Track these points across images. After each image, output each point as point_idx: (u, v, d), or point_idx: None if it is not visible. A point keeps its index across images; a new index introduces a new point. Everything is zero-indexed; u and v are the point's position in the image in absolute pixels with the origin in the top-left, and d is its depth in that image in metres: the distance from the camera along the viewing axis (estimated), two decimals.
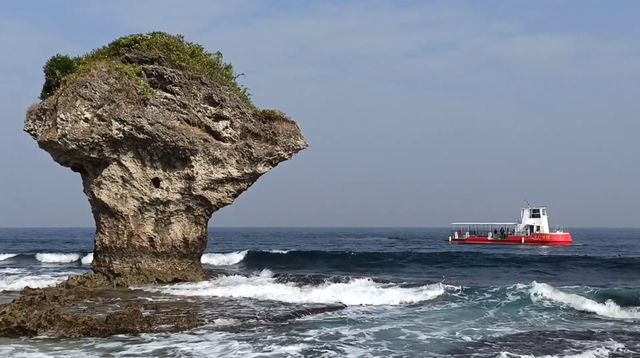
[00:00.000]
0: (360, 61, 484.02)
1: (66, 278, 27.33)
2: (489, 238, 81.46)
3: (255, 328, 16.32)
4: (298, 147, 27.97)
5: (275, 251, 50.60)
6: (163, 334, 15.44)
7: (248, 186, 28.12)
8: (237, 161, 27.17)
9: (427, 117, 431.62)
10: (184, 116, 26.64)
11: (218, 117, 27.27)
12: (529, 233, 78.72)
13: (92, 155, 25.75)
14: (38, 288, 22.34)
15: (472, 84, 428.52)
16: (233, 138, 27.36)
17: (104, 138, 25.40)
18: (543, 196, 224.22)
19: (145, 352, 13.49)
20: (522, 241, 77.54)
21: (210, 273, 29.67)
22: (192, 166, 26.59)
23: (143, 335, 15.32)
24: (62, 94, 25.56)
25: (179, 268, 27.31)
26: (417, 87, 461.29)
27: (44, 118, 25.98)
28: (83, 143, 25.28)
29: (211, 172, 26.91)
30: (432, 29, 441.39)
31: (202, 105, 27.07)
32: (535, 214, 79.02)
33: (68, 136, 25.09)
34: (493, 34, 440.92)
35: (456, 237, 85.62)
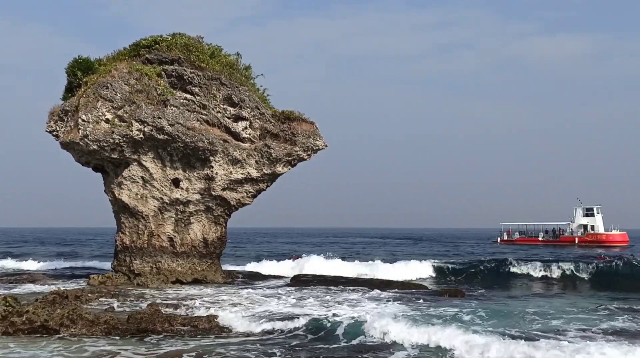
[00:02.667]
0: (375, 61, 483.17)
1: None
2: (540, 239, 78.53)
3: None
4: (317, 147, 27.99)
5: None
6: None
7: (267, 186, 28.20)
8: (256, 161, 27.24)
9: (444, 118, 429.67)
10: (204, 116, 26.77)
11: (237, 118, 27.37)
12: (582, 233, 75.46)
13: (112, 156, 25.97)
14: (60, 288, 22.57)
15: (488, 84, 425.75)
16: (252, 139, 27.44)
17: (124, 139, 25.61)
18: (595, 195, 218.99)
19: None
20: (576, 241, 74.04)
21: (230, 274, 29.75)
22: (212, 167, 26.70)
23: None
24: (84, 95, 25.81)
25: (199, 268, 27.44)
26: (433, 87, 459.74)
27: (65, 119, 26.26)
28: (104, 144, 25.50)
29: (230, 172, 27.02)
30: (448, 29, 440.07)
31: (221, 106, 27.19)
32: (589, 213, 75.93)
33: (89, 137, 25.33)
34: (510, 34, 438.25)
35: (505, 238, 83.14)
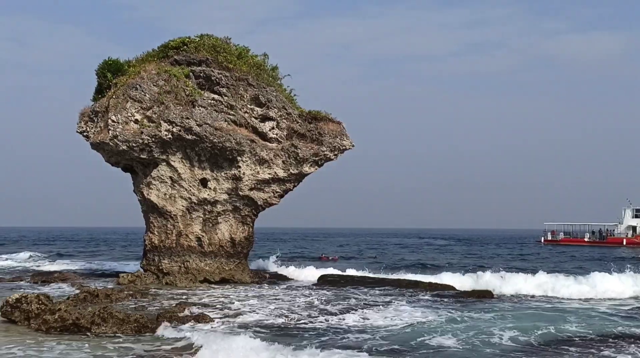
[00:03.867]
0: (404, 61, 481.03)
1: None
2: (586, 240, 76.81)
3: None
4: (344, 147, 27.96)
5: None
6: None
7: (294, 186, 28.25)
8: (283, 161, 27.31)
9: (474, 117, 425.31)
10: (231, 117, 26.92)
11: (264, 118, 27.46)
12: (631, 235, 73.56)
13: (141, 156, 26.24)
14: (90, 287, 22.90)
15: (519, 83, 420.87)
16: (279, 139, 27.51)
17: (153, 139, 25.86)
18: None
19: None
20: (624, 243, 72.03)
21: (257, 274, 29.85)
22: (239, 167, 26.83)
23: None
24: (113, 96, 26.13)
25: (226, 268, 27.59)
26: (464, 87, 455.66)
27: (95, 120, 26.61)
28: (133, 144, 25.79)
29: (258, 172, 27.12)
30: (479, 27, 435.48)
31: (249, 106, 27.31)
32: (638, 214, 74.26)
33: (119, 137, 25.63)
34: (542, 32, 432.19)
35: (549, 238, 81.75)
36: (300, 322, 16.89)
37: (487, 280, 26.25)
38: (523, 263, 43.37)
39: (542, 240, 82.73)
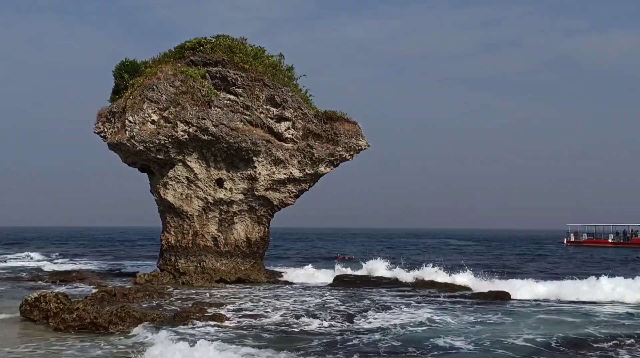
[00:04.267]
0: (420, 60, 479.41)
1: None
2: (610, 241, 75.10)
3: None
4: (360, 147, 27.95)
5: None
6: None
7: (309, 186, 28.29)
8: (298, 161, 27.36)
9: (492, 116, 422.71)
10: (247, 117, 27.01)
11: (280, 119, 27.53)
12: None
13: (158, 156, 26.41)
14: (109, 286, 23.10)
15: (537, 83, 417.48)
16: (295, 139, 27.56)
17: (169, 140, 26.02)
18: None
19: None
20: None
21: (272, 274, 29.92)
22: (255, 167, 26.91)
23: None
24: (130, 97, 26.32)
25: (242, 268, 27.69)
26: (480, 86, 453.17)
27: (113, 121, 26.81)
28: (150, 145, 25.96)
29: (273, 173, 27.19)
30: (495, 26, 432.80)
31: (264, 106, 27.39)
32: None
33: (136, 138, 25.82)
34: (559, 31, 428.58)
35: (572, 239, 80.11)
36: (313, 323, 16.86)
37: (505, 282, 25.71)
38: (543, 265, 42.89)
39: (565, 241, 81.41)
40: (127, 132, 25.89)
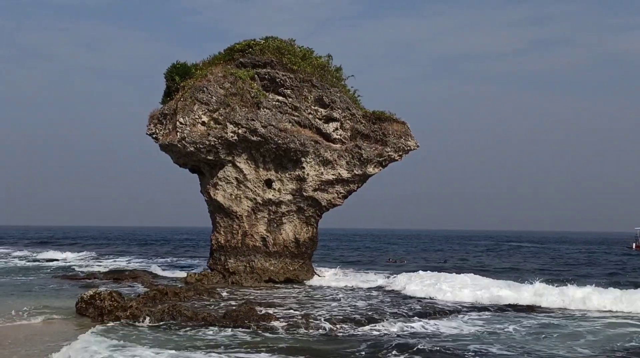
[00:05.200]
0: (467, 59, 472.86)
1: None
2: None
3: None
4: (408, 148, 27.67)
5: None
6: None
7: (358, 187, 28.16)
8: (347, 162, 27.27)
9: (542, 117, 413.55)
10: (295, 118, 27.10)
11: (328, 119, 27.51)
12: None
13: (208, 157, 26.75)
14: (160, 285, 23.52)
15: (588, 81, 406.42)
16: (343, 139, 27.50)
17: (219, 141, 26.32)
18: None
19: None
20: None
21: (321, 275, 29.91)
22: (303, 168, 26.97)
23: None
24: (181, 99, 26.74)
25: (291, 268, 27.77)
26: (527, 85, 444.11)
27: (164, 122, 27.29)
28: (200, 146, 26.32)
29: (321, 173, 27.18)
30: (543, 24, 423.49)
31: (312, 107, 27.43)
32: None
33: (187, 139, 26.21)
34: (610, 28, 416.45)
35: None
36: (361, 326, 16.73)
37: (557, 292, 22.77)
38: (605, 272, 38.59)
39: (634, 246, 77.53)
40: (178, 133, 26.31)
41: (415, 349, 13.70)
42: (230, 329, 15.73)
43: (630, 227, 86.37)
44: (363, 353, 13.46)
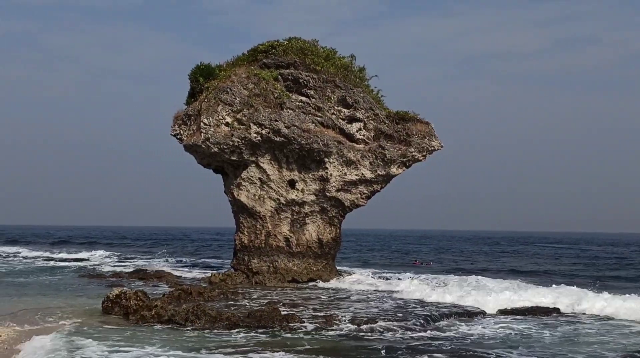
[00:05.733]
0: (492, 58, 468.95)
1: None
2: None
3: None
4: (432, 148, 27.51)
5: None
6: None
7: (381, 187, 28.07)
8: (370, 162, 27.20)
9: (569, 117, 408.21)
10: (319, 118, 27.10)
11: (352, 119, 27.47)
12: None
13: (232, 158, 26.88)
14: (185, 285, 23.69)
15: (615, 80, 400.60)
16: (366, 140, 27.44)
17: (243, 141, 26.43)
18: None
19: None
20: None
21: (344, 275, 29.85)
22: (327, 168, 26.96)
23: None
24: (205, 100, 26.90)
25: (314, 268, 27.78)
26: (554, 85, 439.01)
27: (188, 123, 27.47)
28: (224, 146, 26.45)
29: (345, 174, 27.15)
30: (569, 23, 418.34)
31: (336, 107, 27.41)
32: None
33: (211, 140, 26.36)
34: (637, 26, 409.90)
35: None
36: (384, 328, 16.64)
37: (599, 297, 21.44)
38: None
39: None
40: (202, 134, 26.47)
41: (439, 351, 13.60)
42: (253, 329, 15.79)
43: None
44: (385, 354, 13.38)
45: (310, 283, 26.90)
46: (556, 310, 20.46)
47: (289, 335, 15.25)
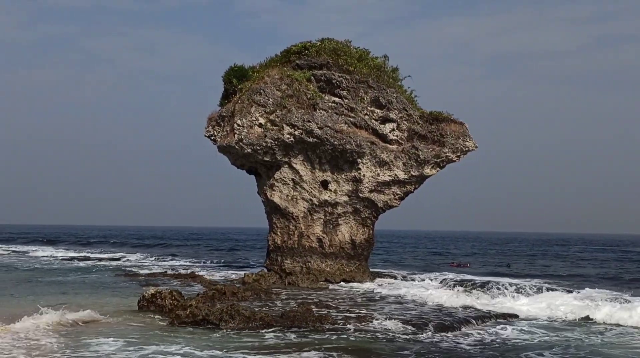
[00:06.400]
0: (528, 58, 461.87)
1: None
2: None
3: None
4: (467, 149, 27.22)
5: None
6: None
7: (415, 188, 27.88)
8: (403, 163, 27.05)
9: (608, 117, 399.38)
10: (352, 119, 27.05)
11: (385, 120, 27.36)
12: None
13: (265, 158, 27.00)
14: (219, 284, 23.87)
15: None
16: (400, 140, 27.30)
17: (276, 142, 26.53)
18: None
19: None
20: None
21: (378, 276, 29.74)
22: (359, 169, 26.89)
23: None
24: (239, 101, 27.08)
25: (347, 269, 27.73)
26: (592, 84, 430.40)
27: (222, 124, 27.68)
28: (257, 147, 26.59)
29: (378, 174, 27.05)
30: (607, 20, 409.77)
31: (369, 108, 27.33)
32: None
33: (244, 141, 26.53)
34: None
35: None
36: (418, 330, 16.51)
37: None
38: None
39: None
40: (235, 135, 26.65)
41: (472, 355, 13.44)
42: (287, 329, 15.82)
43: None
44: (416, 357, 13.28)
45: (343, 284, 26.86)
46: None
47: (322, 336, 15.24)
